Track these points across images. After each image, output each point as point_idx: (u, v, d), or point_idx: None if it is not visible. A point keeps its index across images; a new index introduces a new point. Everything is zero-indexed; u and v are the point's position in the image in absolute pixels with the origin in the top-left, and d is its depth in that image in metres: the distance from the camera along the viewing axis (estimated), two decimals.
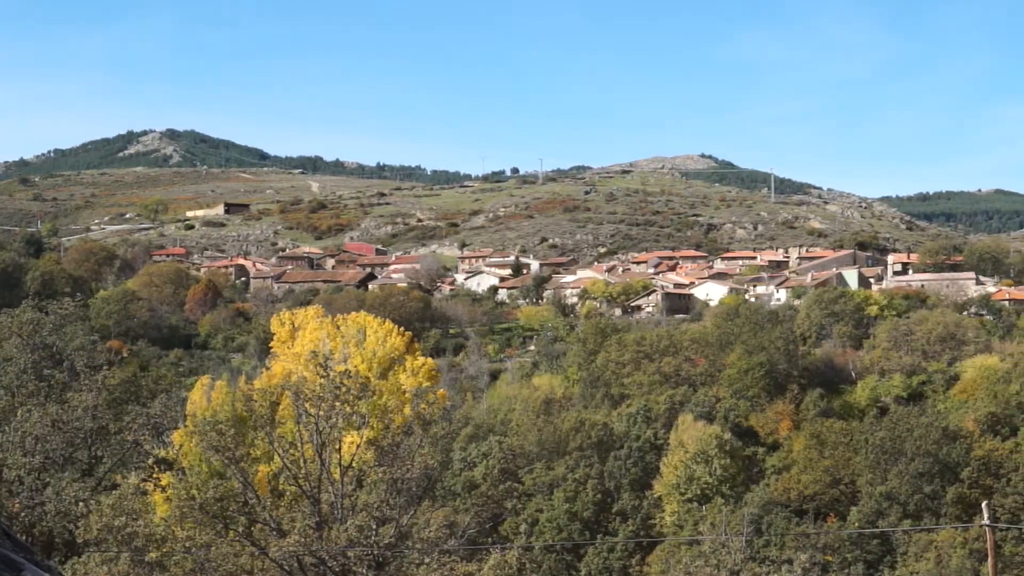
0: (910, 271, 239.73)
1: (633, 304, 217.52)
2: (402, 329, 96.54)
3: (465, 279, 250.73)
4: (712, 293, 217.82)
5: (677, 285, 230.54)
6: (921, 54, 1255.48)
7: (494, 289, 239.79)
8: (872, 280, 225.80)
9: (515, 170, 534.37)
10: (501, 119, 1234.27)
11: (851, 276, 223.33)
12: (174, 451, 58.81)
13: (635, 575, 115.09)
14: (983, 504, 46.80)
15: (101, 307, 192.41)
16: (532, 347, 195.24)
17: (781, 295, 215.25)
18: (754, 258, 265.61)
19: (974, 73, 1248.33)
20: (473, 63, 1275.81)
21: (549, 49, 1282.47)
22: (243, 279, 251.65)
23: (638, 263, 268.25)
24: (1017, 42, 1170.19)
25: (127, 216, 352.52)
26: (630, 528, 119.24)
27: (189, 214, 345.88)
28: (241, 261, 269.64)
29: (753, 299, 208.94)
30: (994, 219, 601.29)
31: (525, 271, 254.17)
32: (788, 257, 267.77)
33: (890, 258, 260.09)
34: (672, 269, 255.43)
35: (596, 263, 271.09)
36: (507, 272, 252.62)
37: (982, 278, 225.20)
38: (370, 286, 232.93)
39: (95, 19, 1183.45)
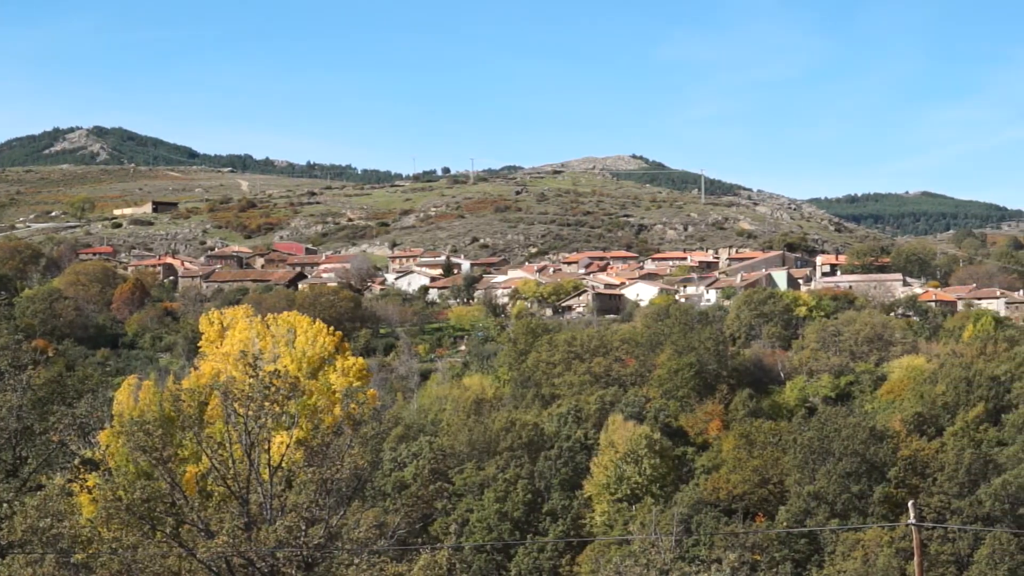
0: (838, 272, 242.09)
1: (564, 304, 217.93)
2: (332, 329, 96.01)
3: (396, 279, 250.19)
4: (643, 293, 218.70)
5: (608, 285, 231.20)
6: (851, 57, 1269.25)
7: (425, 289, 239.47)
8: (801, 281, 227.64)
9: (446, 170, 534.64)
10: (432, 119, 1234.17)
11: (780, 277, 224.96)
12: (100, 452, 58.16)
13: (565, 575, 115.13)
14: (909, 503, 47.31)
15: (26, 306, 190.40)
16: (463, 347, 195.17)
17: (711, 296, 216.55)
18: (684, 259, 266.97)
19: (902, 76, 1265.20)
20: (404, 63, 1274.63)
21: (481, 49, 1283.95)
22: (171, 278, 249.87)
23: (569, 263, 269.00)
24: (943, 46, 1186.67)
25: (53, 214, 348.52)
26: (560, 528, 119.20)
27: (116, 212, 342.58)
28: (169, 260, 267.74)
29: (683, 300, 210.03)
30: (921, 221, 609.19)
31: (456, 271, 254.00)
32: (718, 258, 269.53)
33: (819, 259, 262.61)
34: (603, 269, 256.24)
35: (527, 263, 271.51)
36: (438, 272, 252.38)
37: (909, 279, 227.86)
38: (300, 285, 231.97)
39: (20, 17, 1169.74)
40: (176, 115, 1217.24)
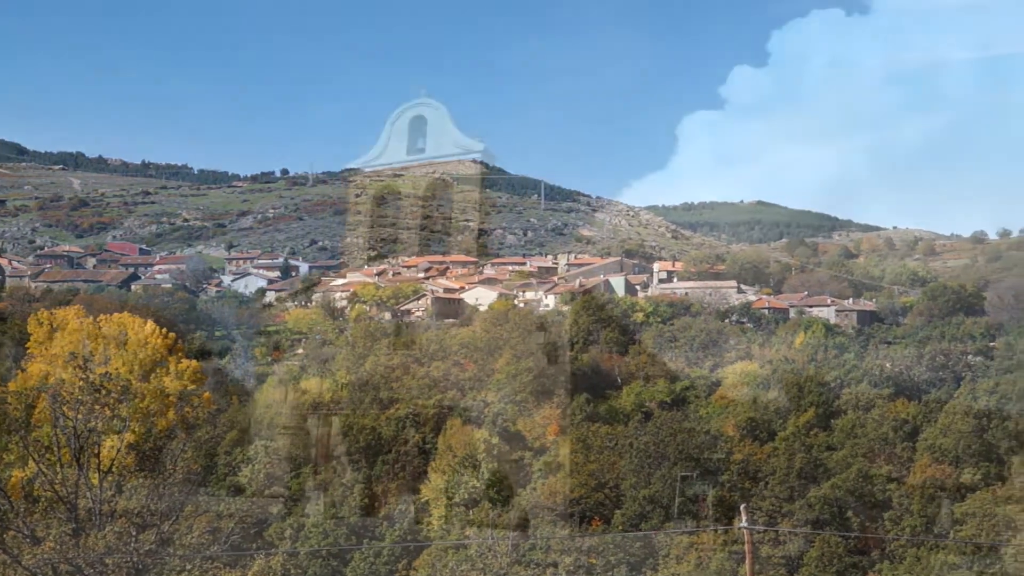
0: (675, 279, 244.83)
1: (403, 308, 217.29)
2: (166, 331, 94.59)
3: (232, 281, 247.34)
4: (482, 298, 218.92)
5: (447, 290, 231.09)
6: (686, 63, 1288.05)
7: (262, 291, 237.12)
8: (638, 287, 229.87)
9: (285, 171, 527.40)
10: (271, 119, 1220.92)
11: (618, 283, 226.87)
12: None
13: None
14: (741, 507, 47.94)
15: None
16: (300, 350, 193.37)
17: (550, 301, 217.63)
18: (523, 264, 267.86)
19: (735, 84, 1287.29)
20: (242, 61, 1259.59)
21: (320, 50, 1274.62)
22: None
23: (408, 267, 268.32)
24: (772, 57, 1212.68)
25: None
26: (397, 533, 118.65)
27: None
28: None
29: (522, 304, 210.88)
30: (755, 230, 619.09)
31: (294, 273, 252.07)
32: (557, 263, 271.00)
33: (656, 266, 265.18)
34: (442, 274, 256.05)
35: (366, 266, 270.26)
36: (276, 274, 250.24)
37: (743, 287, 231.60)
38: (133, 286, 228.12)
39: None
40: (3, 110, 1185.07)
